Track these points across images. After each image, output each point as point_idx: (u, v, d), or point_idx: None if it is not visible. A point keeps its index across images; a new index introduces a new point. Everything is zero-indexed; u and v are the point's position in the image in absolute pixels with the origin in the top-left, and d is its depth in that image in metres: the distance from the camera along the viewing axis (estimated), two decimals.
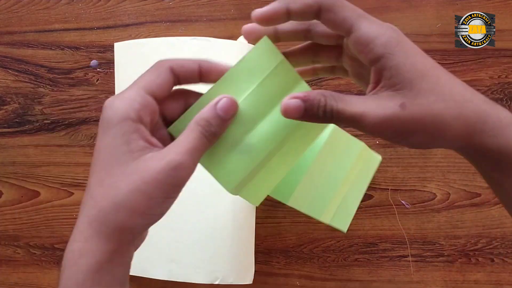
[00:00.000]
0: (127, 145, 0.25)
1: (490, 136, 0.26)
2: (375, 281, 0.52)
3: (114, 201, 0.25)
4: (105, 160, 0.25)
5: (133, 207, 0.25)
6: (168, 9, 0.54)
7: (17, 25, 0.56)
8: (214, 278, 0.48)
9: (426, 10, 0.52)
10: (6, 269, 0.56)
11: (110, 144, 0.25)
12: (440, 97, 0.26)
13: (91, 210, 0.25)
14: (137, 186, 0.25)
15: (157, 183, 0.25)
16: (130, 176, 0.25)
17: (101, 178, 0.25)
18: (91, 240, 0.25)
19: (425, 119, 0.25)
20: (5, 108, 0.56)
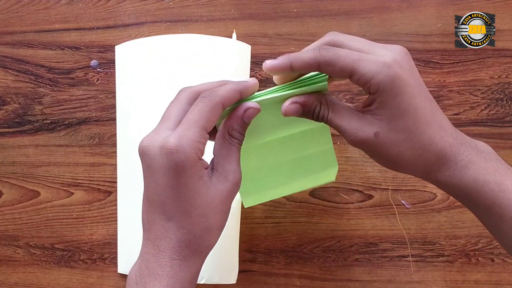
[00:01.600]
0: (201, 179, 0.29)
1: (445, 175, 0.30)
2: (375, 281, 0.52)
3: (206, 226, 0.30)
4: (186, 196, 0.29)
5: (218, 226, 0.31)
6: (168, 9, 0.54)
7: (17, 25, 0.56)
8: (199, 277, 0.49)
9: (426, 10, 0.52)
10: (6, 269, 0.56)
11: (188, 183, 0.29)
12: (410, 137, 0.30)
13: (186, 236, 0.29)
14: (219, 208, 0.30)
15: (228, 201, 0.31)
16: (212, 203, 0.30)
17: (187, 211, 0.29)
18: (188, 259, 0.30)
19: (390, 151, 0.30)
20: (5, 108, 0.56)
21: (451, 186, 0.31)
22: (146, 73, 0.51)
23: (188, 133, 0.28)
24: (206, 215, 0.29)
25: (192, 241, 0.30)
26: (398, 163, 0.31)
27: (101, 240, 0.55)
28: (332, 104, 0.32)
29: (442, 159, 0.30)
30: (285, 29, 0.53)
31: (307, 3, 0.53)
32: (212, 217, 0.30)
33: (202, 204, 0.29)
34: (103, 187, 0.55)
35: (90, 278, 0.55)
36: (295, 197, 0.53)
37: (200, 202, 0.29)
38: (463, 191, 0.30)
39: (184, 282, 0.29)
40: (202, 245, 0.30)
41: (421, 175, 0.32)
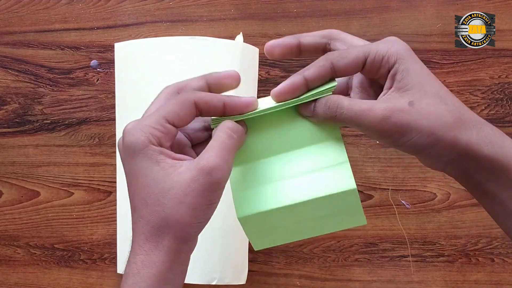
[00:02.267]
0: (158, 165, 0.27)
1: (486, 143, 0.28)
2: (375, 281, 0.52)
3: (162, 216, 0.27)
4: (141, 182, 0.27)
5: (181, 219, 0.27)
6: (168, 9, 0.54)
7: (17, 25, 0.56)
8: (211, 278, 0.49)
9: (426, 10, 0.52)
10: (6, 269, 0.56)
11: (142, 167, 0.27)
12: (443, 100, 0.28)
13: (145, 227, 0.27)
14: (179, 198, 0.27)
15: (197, 192, 0.27)
16: (171, 191, 0.27)
17: (143, 199, 0.27)
18: (151, 253, 0.27)
19: (431, 117, 0.27)
20: (5, 108, 0.56)
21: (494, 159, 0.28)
22: (147, 73, 0.51)
23: (145, 119, 0.28)
24: (163, 204, 0.27)
25: (153, 233, 0.27)
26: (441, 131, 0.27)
27: (101, 240, 0.55)
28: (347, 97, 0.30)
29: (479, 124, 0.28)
30: (285, 29, 0.53)
31: (307, 3, 0.53)
32: (170, 208, 0.27)
33: (158, 191, 0.27)
34: (103, 187, 0.55)
35: (90, 278, 0.55)
36: None
37: (156, 190, 0.27)
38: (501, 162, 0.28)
39: (150, 281, 0.27)
40: (163, 237, 0.27)
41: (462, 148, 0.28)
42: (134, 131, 0.28)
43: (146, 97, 0.51)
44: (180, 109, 0.29)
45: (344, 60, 0.29)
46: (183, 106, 0.29)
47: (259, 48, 0.52)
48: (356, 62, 0.29)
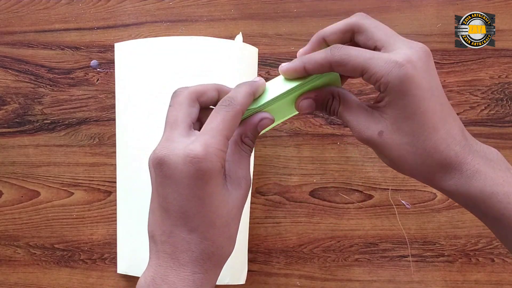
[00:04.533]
0: (225, 188, 0.29)
1: (449, 184, 0.29)
2: (375, 281, 0.52)
3: (228, 236, 0.30)
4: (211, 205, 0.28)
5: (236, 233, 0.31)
6: (168, 9, 0.54)
7: (17, 25, 0.56)
8: None
9: (426, 10, 0.52)
10: (6, 269, 0.56)
11: (214, 192, 0.28)
12: (414, 141, 0.29)
13: (210, 249, 0.29)
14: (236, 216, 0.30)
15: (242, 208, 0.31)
16: (232, 211, 0.29)
17: (212, 221, 0.28)
18: (210, 272, 0.29)
19: (392, 153, 0.30)
20: (5, 108, 0.56)
21: (457, 195, 0.29)
22: (147, 73, 0.51)
23: (214, 142, 0.28)
24: (228, 224, 0.29)
25: (215, 252, 0.29)
26: (401, 166, 0.30)
27: (101, 240, 0.55)
28: (344, 97, 0.32)
29: (446, 168, 0.29)
30: (285, 29, 0.53)
31: (307, 3, 0.53)
32: (232, 226, 0.30)
33: (225, 213, 0.29)
34: (103, 187, 0.55)
35: (90, 278, 0.55)
36: (295, 197, 0.53)
37: (225, 211, 0.29)
38: (470, 201, 0.29)
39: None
40: (223, 255, 0.30)
41: (424, 181, 0.31)
42: (210, 157, 0.27)
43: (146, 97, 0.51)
44: (235, 124, 0.30)
45: (342, 68, 0.30)
46: (237, 120, 0.30)
47: (258, 48, 0.52)
48: (353, 72, 0.30)
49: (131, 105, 0.52)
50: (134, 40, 0.52)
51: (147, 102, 0.51)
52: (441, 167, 0.29)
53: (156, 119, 0.50)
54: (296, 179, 0.53)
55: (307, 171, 0.53)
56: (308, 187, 0.53)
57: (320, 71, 0.31)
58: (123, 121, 0.52)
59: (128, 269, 0.53)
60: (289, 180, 0.53)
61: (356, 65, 0.29)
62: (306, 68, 0.31)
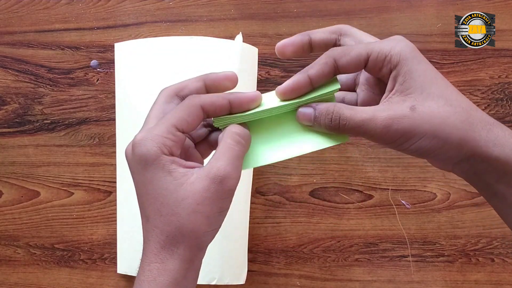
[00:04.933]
0: (170, 175, 0.27)
1: (496, 145, 0.27)
2: (375, 281, 0.52)
3: (177, 226, 0.27)
4: (155, 193, 0.28)
5: (195, 228, 0.28)
6: (168, 9, 0.54)
7: (17, 25, 0.56)
8: (211, 278, 0.49)
9: (426, 10, 0.52)
10: (6, 269, 0.56)
11: (154, 178, 0.28)
12: (449, 102, 0.27)
13: (160, 236, 0.28)
14: (193, 208, 0.27)
15: (209, 201, 0.28)
16: (184, 201, 0.27)
17: (157, 209, 0.28)
18: (166, 261, 0.28)
19: (434, 120, 0.27)
20: (5, 108, 0.56)
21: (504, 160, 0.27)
22: (147, 73, 0.51)
23: (155, 129, 0.28)
24: (177, 214, 0.27)
25: (168, 242, 0.28)
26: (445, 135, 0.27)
27: (101, 240, 0.55)
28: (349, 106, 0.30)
29: (487, 126, 0.27)
30: (285, 29, 0.53)
31: (307, 3, 0.53)
32: (184, 217, 0.27)
33: (171, 202, 0.27)
34: (103, 187, 0.55)
35: (90, 278, 0.55)
36: (295, 197, 0.53)
37: (169, 200, 0.27)
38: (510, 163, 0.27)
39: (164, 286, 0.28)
40: (178, 246, 0.28)
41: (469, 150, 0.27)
42: (145, 142, 0.28)
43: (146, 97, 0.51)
44: (188, 115, 0.29)
45: (347, 58, 0.29)
46: (190, 112, 0.29)
47: (258, 48, 0.52)
48: (358, 60, 0.29)
49: (131, 105, 0.52)
50: (134, 40, 0.52)
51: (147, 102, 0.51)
52: (483, 124, 0.27)
53: None
54: (296, 179, 0.53)
55: (307, 171, 0.53)
56: (308, 187, 0.53)
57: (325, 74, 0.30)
58: (123, 121, 0.52)
59: (128, 269, 0.53)
60: (289, 180, 0.53)
61: (359, 51, 0.29)
62: (310, 76, 0.29)
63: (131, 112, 0.52)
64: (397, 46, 0.28)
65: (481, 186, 0.30)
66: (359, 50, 0.29)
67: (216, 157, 0.28)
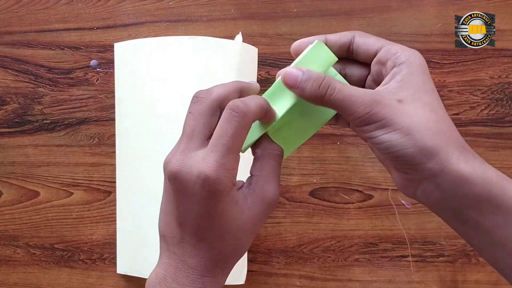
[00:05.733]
0: (237, 204, 0.29)
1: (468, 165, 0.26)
2: (375, 281, 0.52)
3: (235, 248, 0.30)
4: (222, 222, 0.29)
5: (247, 247, 0.31)
6: (168, 9, 0.54)
7: (17, 25, 0.56)
8: None
9: (426, 10, 0.52)
10: (6, 269, 0.56)
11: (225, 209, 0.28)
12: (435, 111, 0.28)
13: (218, 256, 0.30)
14: (251, 232, 0.30)
15: (262, 223, 0.31)
16: (245, 226, 0.29)
17: (220, 235, 0.29)
18: (217, 275, 0.30)
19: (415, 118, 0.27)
20: (4, 108, 0.56)
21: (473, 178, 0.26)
22: (147, 73, 0.51)
23: (225, 162, 0.27)
24: (239, 238, 0.30)
25: (222, 260, 0.30)
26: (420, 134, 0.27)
27: (101, 240, 0.55)
28: None
29: (463, 148, 0.27)
30: (285, 29, 0.53)
31: (307, 3, 0.53)
32: (244, 240, 0.30)
33: (236, 228, 0.29)
34: (103, 187, 0.55)
35: (89, 278, 0.55)
36: (295, 197, 0.53)
37: (234, 227, 0.29)
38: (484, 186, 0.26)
39: None
40: (231, 262, 0.31)
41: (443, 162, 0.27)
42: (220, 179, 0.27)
43: (146, 97, 0.51)
44: (243, 135, 0.29)
45: (364, 38, 0.31)
46: (246, 132, 0.29)
47: (258, 48, 0.52)
48: (372, 46, 0.30)
49: (131, 105, 0.52)
50: (133, 40, 0.52)
51: (147, 102, 0.51)
52: (458, 145, 0.27)
53: (156, 119, 0.50)
54: (296, 179, 0.53)
55: (307, 171, 0.53)
56: (308, 187, 0.53)
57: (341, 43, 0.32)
58: (123, 121, 0.52)
59: (128, 269, 0.52)
60: (289, 180, 0.53)
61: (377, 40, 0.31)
62: (328, 38, 0.32)
63: (131, 112, 0.52)
64: (411, 51, 0.29)
65: (448, 213, 0.29)
66: (377, 39, 0.31)
67: (266, 179, 0.30)
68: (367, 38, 0.31)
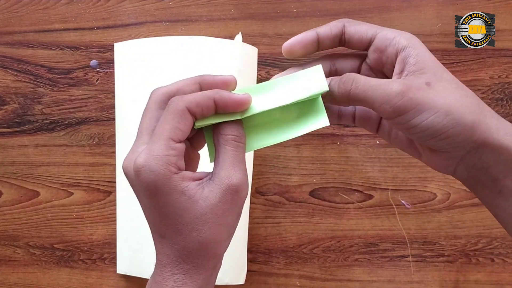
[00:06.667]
0: (184, 194, 0.27)
1: (507, 134, 0.27)
2: (375, 281, 0.52)
3: (200, 241, 0.27)
4: (171, 214, 0.27)
5: (218, 239, 0.28)
6: (168, 9, 0.54)
7: (17, 25, 0.56)
8: None
9: (426, 10, 0.52)
10: (6, 269, 0.56)
11: (168, 201, 0.27)
12: (460, 86, 0.28)
13: (182, 252, 0.28)
14: (215, 221, 0.27)
15: (229, 212, 0.28)
16: (203, 217, 0.27)
17: (176, 229, 0.27)
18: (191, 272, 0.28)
19: (449, 98, 0.27)
20: (4, 108, 0.56)
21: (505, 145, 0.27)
22: (147, 73, 0.51)
23: (154, 148, 0.26)
24: (198, 230, 0.27)
25: (189, 256, 0.28)
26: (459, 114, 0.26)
27: (100, 240, 0.55)
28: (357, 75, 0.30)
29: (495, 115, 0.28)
30: (285, 29, 0.53)
31: (307, 3, 0.53)
32: (206, 231, 0.27)
33: (190, 220, 0.27)
34: (103, 187, 0.55)
35: (89, 278, 0.55)
36: (295, 197, 0.53)
37: (188, 218, 0.27)
38: None
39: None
40: (202, 258, 0.28)
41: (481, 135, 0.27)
42: (149, 166, 0.26)
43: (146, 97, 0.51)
44: (179, 123, 0.27)
45: (356, 27, 0.29)
46: (180, 119, 0.27)
47: (258, 48, 0.52)
48: (365, 33, 0.29)
49: (131, 105, 0.52)
50: (133, 40, 0.52)
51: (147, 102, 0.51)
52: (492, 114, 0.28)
53: None
54: (296, 179, 0.53)
55: (307, 171, 0.53)
56: (308, 187, 0.53)
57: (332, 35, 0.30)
58: (123, 121, 0.52)
59: (128, 269, 0.52)
60: (289, 180, 0.53)
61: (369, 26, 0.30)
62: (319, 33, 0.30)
63: (131, 112, 0.52)
64: (406, 34, 0.29)
65: (484, 184, 0.29)
66: (369, 26, 0.29)
67: (221, 166, 0.28)
68: (358, 27, 0.30)
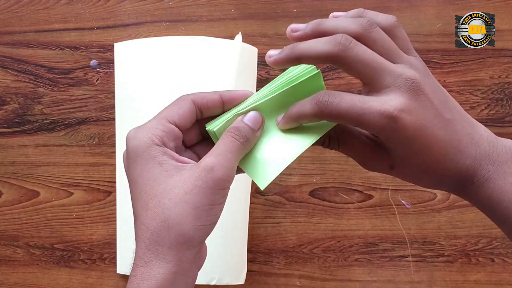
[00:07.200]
0: (161, 166, 0.26)
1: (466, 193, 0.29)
2: (375, 281, 0.52)
3: (162, 218, 0.25)
4: (143, 185, 0.26)
5: (182, 220, 0.25)
6: (168, 9, 0.54)
7: (17, 25, 0.56)
8: (210, 278, 0.49)
9: (426, 10, 0.52)
10: (6, 269, 0.56)
11: (144, 170, 0.26)
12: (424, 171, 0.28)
13: (145, 234, 0.26)
14: (181, 197, 0.25)
15: (198, 190, 0.25)
16: (172, 191, 0.26)
17: (144, 202, 0.26)
18: (151, 264, 0.25)
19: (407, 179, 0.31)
20: (4, 108, 0.56)
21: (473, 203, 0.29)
22: (147, 73, 0.51)
23: (147, 123, 0.28)
24: (163, 205, 0.25)
25: (151, 239, 0.26)
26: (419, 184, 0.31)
27: (100, 240, 0.55)
28: (342, 135, 0.30)
29: (459, 182, 0.28)
30: (285, 29, 0.53)
31: (307, 3, 0.53)
32: (171, 208, 0.25)
33: (159, 192, 0.26)
34: (103, 187, 0.55)
35: (89, 278, 0.55)
36: (295, 197, 0.53)
37: (157, 191, 0.26)
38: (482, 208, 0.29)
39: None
40: (163, 245, 0.25)
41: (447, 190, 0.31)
42: (136, 134, 0.27)
43: (146, 97, 0.51)
44: (179, 108, 0.28)
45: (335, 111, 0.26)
46: (181, 105, 0.29)
47: (258, 48, 0.52)
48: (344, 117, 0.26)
49: (131, 105, 0.52)
50: (133, 40, 0.52)
51: (147, 102, 0.51)
52: (455, 182, 0.28)
53: None
54: (296, 179, 0.53)
55: (307, 171, 0.53)
56: (308, 187, 0.53)
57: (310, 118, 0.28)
58: (123, 121, 0.52)
59: (128, 269, 0.52)
60: (289, 180, 0.53)
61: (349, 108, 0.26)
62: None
63: (131, 112, 0.52)
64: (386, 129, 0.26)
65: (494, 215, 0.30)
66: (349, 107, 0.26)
67: (211, 150, 0.27)
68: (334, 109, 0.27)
